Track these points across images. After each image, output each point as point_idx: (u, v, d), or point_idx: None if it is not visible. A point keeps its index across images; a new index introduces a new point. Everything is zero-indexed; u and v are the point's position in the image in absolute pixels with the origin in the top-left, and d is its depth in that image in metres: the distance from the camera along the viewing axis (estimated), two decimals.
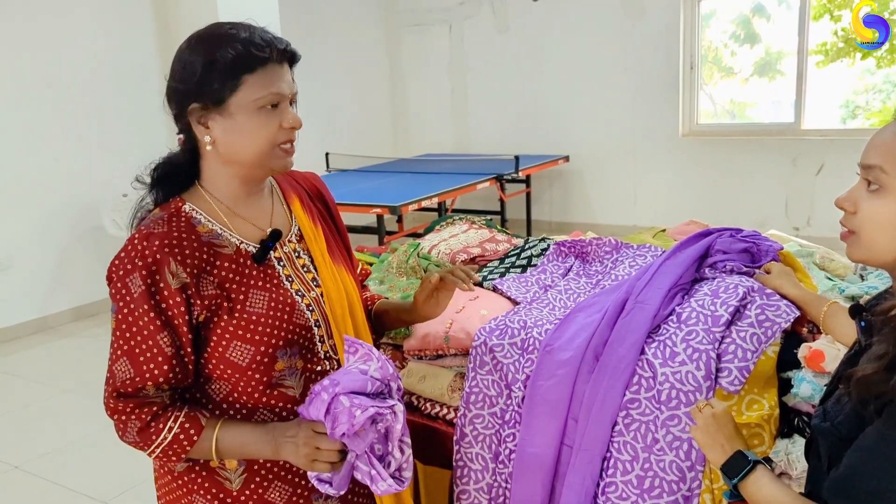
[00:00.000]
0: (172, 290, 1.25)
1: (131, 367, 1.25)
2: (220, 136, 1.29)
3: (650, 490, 1.59)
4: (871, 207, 1.01)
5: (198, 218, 1.32)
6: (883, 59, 6.71)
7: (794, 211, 6.27)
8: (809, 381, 1.52)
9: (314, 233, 1.47)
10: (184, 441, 1.27)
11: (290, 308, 1.35)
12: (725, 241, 1.86)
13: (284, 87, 1.29)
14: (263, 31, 1.30)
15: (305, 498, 1.39)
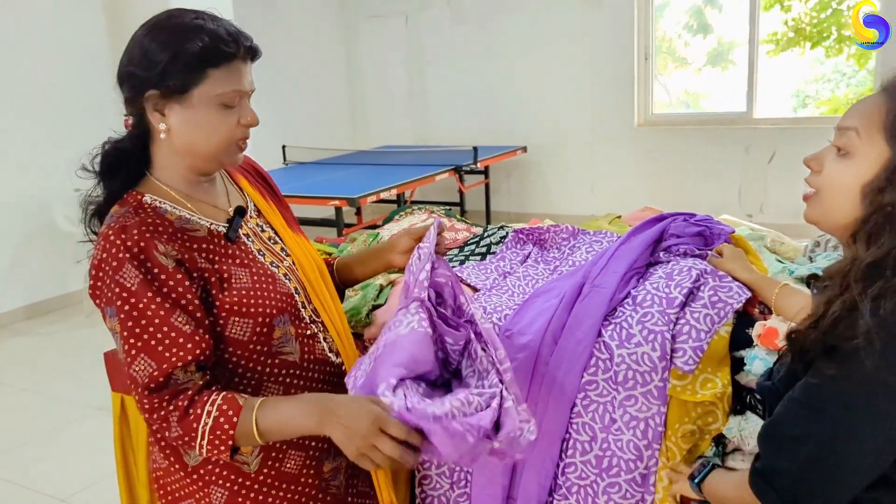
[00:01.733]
0: (170, 270, 1.22)
1: (152, 360, 1.20)
2: (176, 125, 1.27)
3: (608, 469, 1.62)
4: (835, 169, 1.04)
5: (163, 207, 1.31)
6: (831, 50, 6.88)
7: (747, 198, 6.40)
8: (762, 359, 1.56)
9: (269, 207, 1.49)
10: (225, 424, 1.20)
11: (271, 279, 1.36)
12: (679, 226, 1.90)
13: (246, 84, 1.29)
14: (229, 23, 1.29)
15: (318, 459, 1.42)
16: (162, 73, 1.23)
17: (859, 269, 0.95)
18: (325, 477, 1.44)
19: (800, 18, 6.76)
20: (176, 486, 1.38)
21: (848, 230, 1.03)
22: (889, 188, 0.97)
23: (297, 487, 1.40)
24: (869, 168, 1.00)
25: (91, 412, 3.85)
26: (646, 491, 1.60)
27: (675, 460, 1.59)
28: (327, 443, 1.39)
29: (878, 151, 0.99)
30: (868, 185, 0.99)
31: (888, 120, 0.99)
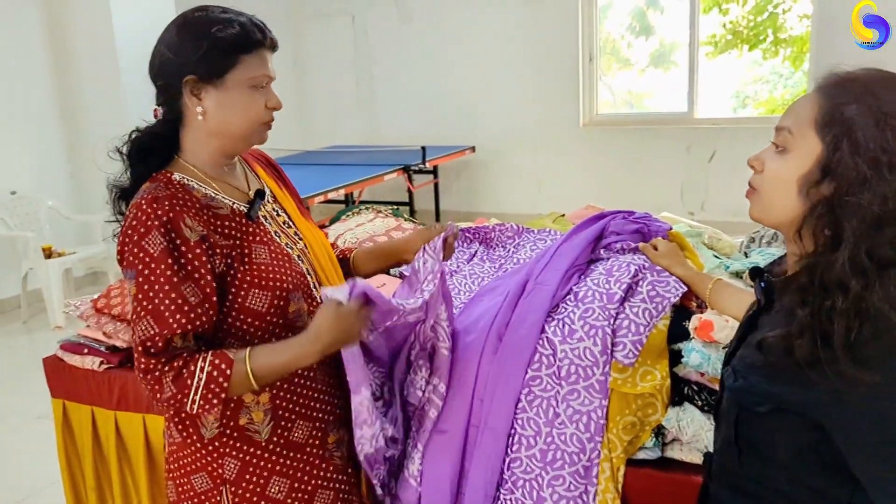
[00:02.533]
0: (192, 243, 1.32)
1: (155, 323, 1.28)
2: (212, 108, 1.37)
3: (553, 462, 1.65)
4: (774, 166, 1.07)
5: (190, 184, 1.40)
6: (768, 52, 7.10)
7: (689, 196, 6.56)
8: (698, 351, 1.61)
9: (283, 194, 1.60)
10: (218, 377, 1.29)
11: (287, 257, 1.46)
12: (619, 223, 1.94)
13: (271, 69, 1.42)
14: (253, 16, 1.43)
15: (324, 430, 1.51)
16: (200, 60, 1.34)
17: (844, 272, 0.96)
18: (329, 447, 1.53)
19: (737, 21, 6.95)
20: (189, 460, 1.45)
21: (791, 225, 1.06)
22: (825, 180, 1.01)
23: (303, 456, 1.48)
24: (804, 162, 1.03)
25: (30, 421, 3.75)
26: (589, 482, 1.64)
27: (616, 451, 1.63)
28: (333, 415, 1.52)
29: (811, 146, 1.03)
30: (804, 179, 1.03)
31: (819, 116, 1.03)
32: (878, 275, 0.96)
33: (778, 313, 1.09)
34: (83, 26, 5.55)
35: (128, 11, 5.36)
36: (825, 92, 1.04)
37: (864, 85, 1.02)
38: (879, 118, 0.98)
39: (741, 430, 1.10)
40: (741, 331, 1.18)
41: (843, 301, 0.96)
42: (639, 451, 1.67)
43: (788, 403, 1.03)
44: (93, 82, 5.62)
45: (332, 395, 1.53)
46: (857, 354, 0.95)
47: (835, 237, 0.99)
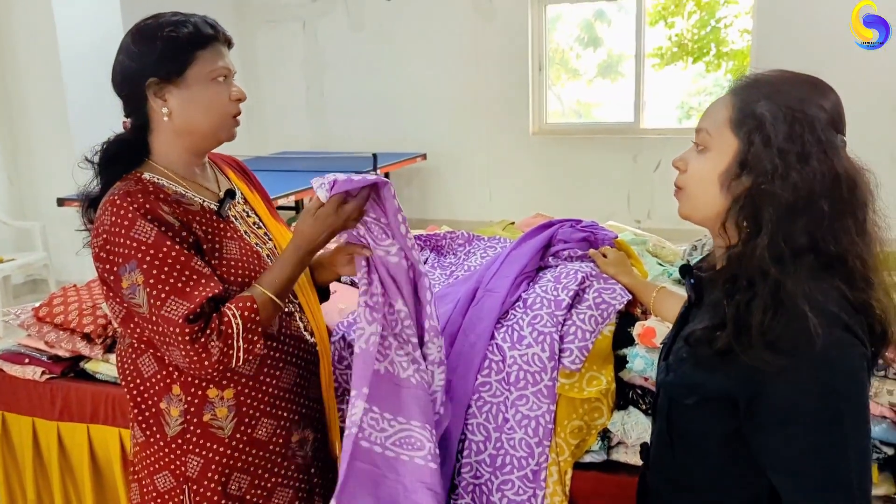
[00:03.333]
0: (176, 226, 1.36)
1: (181, 299, 1.31)
2: (176, 107, 1.40)
3: (502, 467, 1.68)
4: (696, 165, 1.14)
5: (160, 182, 1.42)
6: (711, 65, 7.30)
7: (636, 204, 6.68)
8: (642, 357, 1.66)
9: (253, 197, 1.64)
10: (251, 315, 1.34)
11: (256, 255, 1.49)
12: (566, 231, 1.99)
13: (230, 62, 1.45)
14: (205, 16, 1.46)
15: (287, 429, 1.52)
16: (158, 61, 1.38)
17: (763, 259, 1.02)
18: (292, 446, 1.53)
19: (682, 34, 7.13)
20: (153, 460, 1.46)
21: (717, 219, 1.12)
22: (743, 174, 1.07)
23: (265, 454, 1.49)
24: (723, 159, 1.09)
25: None
26: (537, 486, 1.67)
27: (563, 455, 1.66)
28: (297, 414, 1.53)
29: (728, 144, 1.09)
30: (724, 175, 1.09)
31: (733, 114, 1.09)
32: (794, 262, 1.02)
33: (706, 307, 1.14)
34: (24, 27, 5.40)
35: (71, 13, 5.24)
36: (738, 93, 1.11)
37: (772, 84, 1.09)
38: (786, 112, 1.04)
39: (673, 422, 1.15)
40: (675, 328, 1.23)
41: (763, 288, 1.01)
42: (585, 454, 1.71)
43: (711, 391, 1.08)
44: (33, 87, 5.47)
45: (298, 393, 1.54)
46: (769, 339, 0.99)
47: (755, 226, 1.05)
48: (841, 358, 1.00)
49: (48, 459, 2.20)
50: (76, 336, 2.15)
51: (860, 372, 1.03)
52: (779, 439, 1.02)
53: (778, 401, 1.01)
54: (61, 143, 5.25)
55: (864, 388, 1.05)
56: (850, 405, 1.00)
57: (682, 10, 7.13)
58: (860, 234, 1.05)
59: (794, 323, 0.99)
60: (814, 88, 1.09)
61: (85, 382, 2.17)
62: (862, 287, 1.05)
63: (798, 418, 1.00)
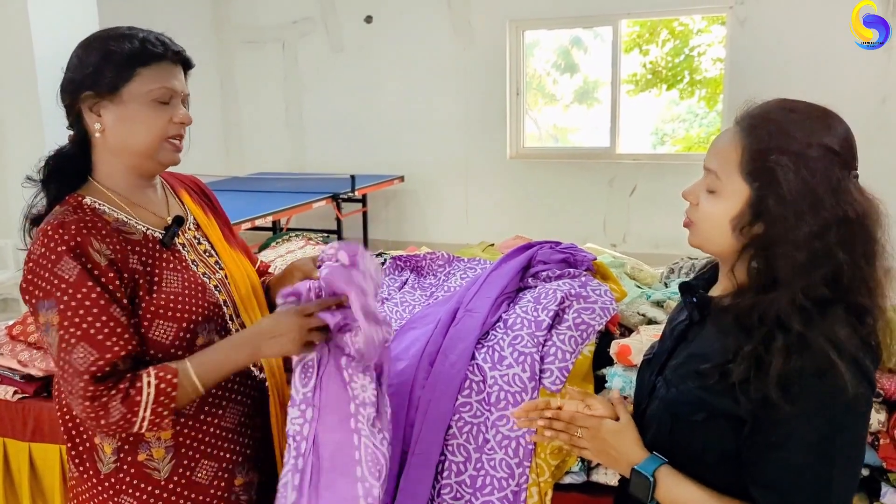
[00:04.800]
0: (103, 267, 1.27)
1: (93, 348, 1.23)
2: (110, 124, 1.33)
3: (482, 488, 1.67)
4: (706, 206, 1.14)
5: (101, 208, 1.35)
6: (685, 92, 7.43)
7: (612, 228, 6.75)
8: (620, 376, 1.67)
9: (208, 222, 1.55)
10: (167, 388, 1.26)
11: (201, 287, 1.40)
12: (546, 253, 2.00)
13: (177, 84, 1.38)
14: (161, 34, 1.39)
15: (230, 472, 1.43)
16: (94, 74, 1.32)
17: (786, 312, 1.03)
18: (235, 490, 1.44)
19: (656, 62, 7.25)
20: (86, 497, 1.38)
21: (728, 258, 1.14)
22: (756, 222, 1.08)
23: (206, 498, 1.40)
24: (734, 205, 1.10)
25: None
26: None
27: (544, 476, 1.66)
28: (241, 456, 1.44)
29: (738, 189, 1.10)
30: (736, 220, 1.10)
31: (743, 159, 1.09)
32: (820, 313, 1.03)
33: (713, 332, 1.15)
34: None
35: (47, 27, 5.20)
36: (745, 132, 1.10)
37: (778, 123, 1.08)
38: (798, 163, 1.04)
39: (676, 436, 1.15)
40: (671, 342, 1.23)
41: (785, 338, 1.03)
42: (565, 475, 1.71)
43: (720, 410, 1.09)
44: (6, 100, 5.42)
45: (242, 434, 1.45)
46: (787, 385, 1.01)
47: (768, 273, 1.07)
48: (853, 407, 1.03)
49: (18, 481, 2.16)
50: (49, 355, 2.11)
51: (864, 419, 1.07)
52: (772, 458, 1.04)
53: (781, 428, 1.03)
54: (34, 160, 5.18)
55: (864, 430, 1.08)
56: (845, 442, 1.04)
57: (656, 39, 7.27)
58: (873, 273, 1.07)
59: (818, 370, 1.00)
60: (822, 124, 1.08)
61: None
62: (870, 321, 1.07)
63: (794, 444, 1.03)
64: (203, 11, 7.61)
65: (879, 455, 1.56)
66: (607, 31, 6.63)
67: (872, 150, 6.22)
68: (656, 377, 1.23)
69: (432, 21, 6.94)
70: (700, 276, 1.30)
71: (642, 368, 1.32)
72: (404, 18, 7.04)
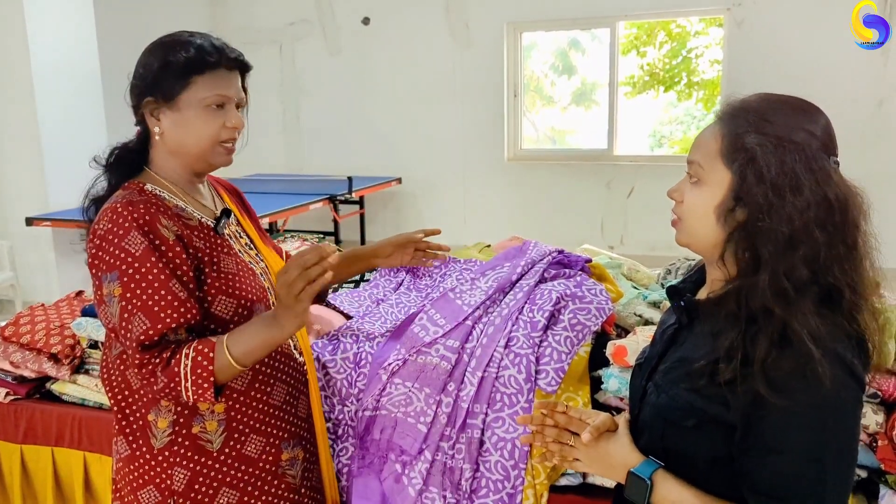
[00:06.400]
0: (171, 242, 1.36)
1: (147, 318, 1.31)
2: (168, 128, 1.42)
3: (477, 490, 1.66)
4: (691, 198, 1.14)
5: (162, 195, 1.44)
6: (682, 94, 7.43)
7: (609, 230, 6.74)
8: (616, 377, 1.66)
9: (245, 221, 1.65)
10: (203, 361, 1.31)
11: (251, 272, 1.51)
12: (541, 250, 2.00)
13: (231, 90, 1.45)
14: (218, 39, 1.48)
15: (277, 447, 1.51)
16: (154, 82, 1.41)
17: (766, 296, 1.02)
18: (282, 464, 1.52)
19: (654, 64, 7.26)
20: (138, 474, 1.43)
21: (715, 250, 1.13)
22: (738, 207, 1.07)
23: (255, 471, 1.48)
24: (717, 192, 1.10)
25: None
26: None
27: (539, 478, 1.65)
28: (286, 432, 1.53)
29: (721, 177, 1.10)
30: (720, 208, 1.10)
31: (724, 146, 1.10)
32: (798, 298, 1.02)
33: (701, 334, 1.14)
34: None
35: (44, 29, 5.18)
36: (724, 122, 1.11)
37: (758, 111, 1.09)
38: (776, 143, 1.05)
39: (668, 441, 1.14)
40: (661, 346, 1.23)
41: (768, 325, 1.02)
42: (561, 477, 1.70)
43: (710, 416, 1.08)
44: (3, 104, 5.41)
45: (288, 411, 1.54)
46: (770, 378, 1.00)
47: (753, 259, 1.06)
48: (838, 402, 1.02)
49: (10, 484, 2.14)
50: (43, 356, 2.10)
51: (854, 415, 1.06)
52: (764, 464, 1.03)
53: (770, 430, 1.03)
54: (31, 162, 5.17)
55: (855, 430, 1.07)
56: (836, 447, 1.02)
57: (653, 41, 7.27)
58: (852, 258, 1.06)
59: (800, 364, 1.00)
60: (802, 113, 1.09)
61: (50, 404, 2.12)
62: (856, 316, 1.06)
63: (785, 449, 1.02)
64: (199, 13, 7.60)
65: (877, 457, 1.55)
66: (605, 32, 6.63)
67: (869, 153, 6.23)
68: (647, 382, 1.22)
69: (430, 23, 6.94)
70: (688, 280, 1.29)
71: (634, 373, 1.31)
72: (402, 20, 7.04)
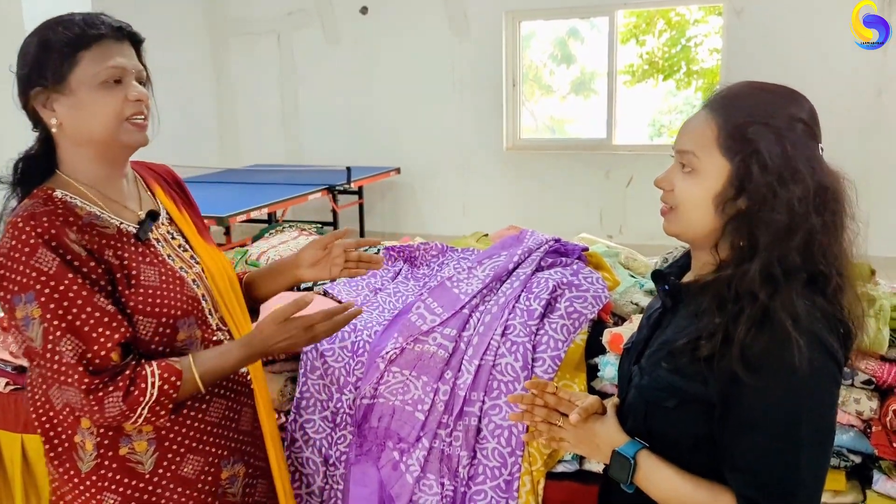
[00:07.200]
0: (83, 257, 1.24)
1: (80, 340, 1.21)
2: (65, 116, 1.28)
3: (474, 478, 1.67)
4: (685, 187, 1.13)
5: (73, 202, 1.30)
6: (682, 82, 7.41)
7: (608, 220, 6.74)
8: (612, 364, 1.67)
9: (182, 216, 1.50)
10: (169, 390, 1.25)
11: (179, 281, 1.37)
12: (538, 239, 2.00)
13: (124, 61, 1.30)
14: (100, 13, 1.32)
15: (216, 466, 1.41)
16: (38, 67, 1.26)
17: (754, 281, 1.04)
18: (222, 483, 1.42)
19: (653, 52, 7.23)
20: (69, 498, 1.35)
21: (708, 238, 1.13)
22: (740, 196, 1.08)
23: (193, 493, 1.37)
24: (715, 181, 1.10)
25: None
26: (510, 496, 1.66)
27: (536, 465, 1.66)
28: (226, 450, 1.42)
29: (719, 165, 1.09)
30: (719, 197, 1.10)
31: (720, 136, 1.09)
32: (786, 282, 1.03)
33: (685, 317, 1.15)
34: None
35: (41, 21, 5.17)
36: (718, 111, 1.11)
37: (750, 99, 1.10)
38: (777, 133, 1.06)
39: (650, 423, 1.15)
40: (647, 331, 1.24)
41: (751, 308, 1.03)
42: (558, 464, 1.71)
43: (690, 395, 1.09)
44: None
45: (228, 427, 1.43)
46: (746, 357, 1.02)
47: (750, 247, 1.07)
48: (814, 381, 1.03)
49: (12, 473, 2.15)
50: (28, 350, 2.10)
51: (829, 396, 1.07)
52: (741, 440, 1.05)
53: (748, 408, 1.04)
54: None
55: (831, 409, 1.08)
56: (811, 425, 1.04)
57: (653, 29, 7.25)
58: (840, 243, 1.08)
59: (776, 342, 1.01)
60: (790, 99, 1.10)
61: None
62: (838, 298, 1.07)
63: (761, 426, 1.04)
64: (197, 3, 7.57)
65: (871, 442, 1.56)
66: (604, 21, 6.61)
67: (868, 142, 6.22)
68: (633, 366, 1.24)
69: (428, 12, 6.91)
70: (673, 264, 1.29)
71: (622, 359, 1.32)
72: (400, 9, 7.01)
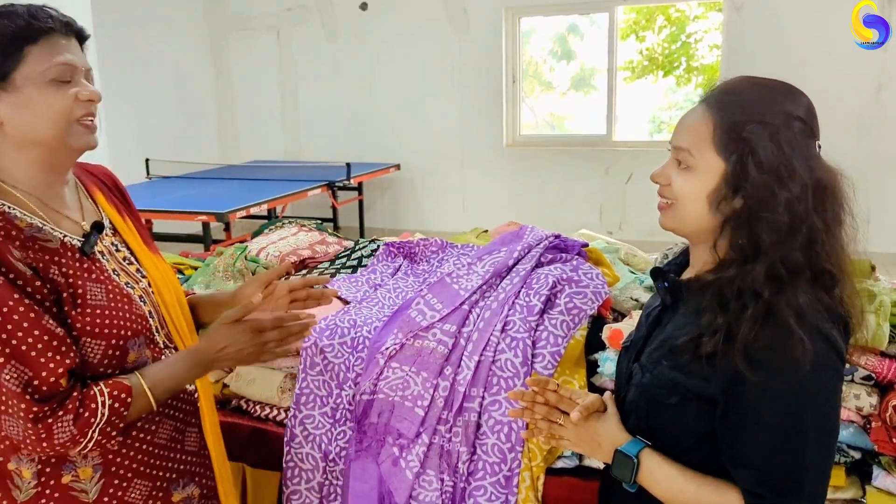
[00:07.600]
0: (28, 276, 1.14)
1: (25, 367, 1.12)
2: (8, 115, 1.18)
3: (474, 473, 1.67)
4: (681, 183, 1.13)
5: (12, 213, 1.19)
6: (682, 79, 7.41)
7: (608, 216, 6.74)
8: (612, 360, 1.67)
9: (125, 225, 1.41)
10: (120, 408, 1.18)
11: (127, 299, 1.28)
12: (537, 234, 2.00)
13: (73, 58, 1.21)
14: (48, 6, 1.23)
15: (165, 490, 1.33)
16: None
17: (758, 281, 1.04)
18: None
19: (653, 49, 7.23)
20: None
21: (706, 235, 1.13)
22: (736, 195, 1.08)
23: None
24: (710, 179, 1.10)
25: None
26: (509, 492, 1.66)
27: (536, 461, 1.66)
28: (175, 472, 1.35)
29: (714, 164, 1.09)
30: (713, 195, 1.10)
31: (716, 134, 1.09)
32: (790, 282, 1.03)
33: (685, 314, 1.15)
34: None
35: None
36: (714, 107, 1.11)
37: (748, 98, 1.10)
38: (773, 132, 1.05)
39: (652, 421, 1.15)
40: (646, 329, 1.24)
41: (755, 307, 1.03)
42: (558, 459, 1.71)
43: (692, 392, 1.09)
44: None
45: (175, 449, 1.35)
46: (750, 354, 1.02)
47: (751, 246, 1.06)
48: (817, 376, 1.03)
49: None
50: None
51: (833, 391, 1.07)
52: (745, 437, 1.05)
53: (750, 404, 1.04)
54: None
55: (835, 403, 1.08)
56: (815, 419, 1.04)
57: (652, 25, 7.24)
58: (840, 240, 1.08)
59: (779, 339, 1.01)
60: (788, 96, 1.10)
61: None
62: (839, 293, 1.07)
63: (766, 422, 1.04)
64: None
65: (871, 438, 1.56)
66: (604, 17, 6.60)
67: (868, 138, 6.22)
68: (633, 364, 1.23)
69: (428, 8, 6.91)
70: (672, 262, 1.29)
71: (621, 357, 1.32)
72: (400, 5, 7.01)
